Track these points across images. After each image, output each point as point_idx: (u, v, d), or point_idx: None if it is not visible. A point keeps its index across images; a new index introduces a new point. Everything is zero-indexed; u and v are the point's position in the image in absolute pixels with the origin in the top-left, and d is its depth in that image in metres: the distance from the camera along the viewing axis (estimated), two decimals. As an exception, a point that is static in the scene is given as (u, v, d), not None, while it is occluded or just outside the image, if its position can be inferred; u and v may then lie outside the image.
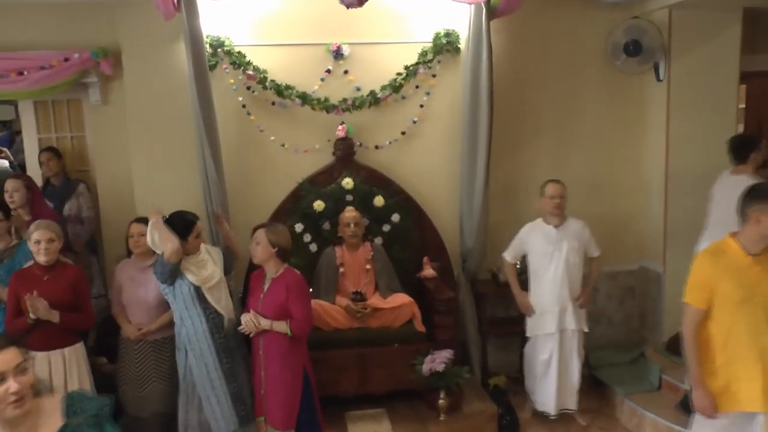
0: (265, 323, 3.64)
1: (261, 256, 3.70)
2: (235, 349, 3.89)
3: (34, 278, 3.71)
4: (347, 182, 4.83)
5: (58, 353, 3.73)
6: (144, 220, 3.97)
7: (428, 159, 5.13)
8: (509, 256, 4.62)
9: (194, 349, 3.74)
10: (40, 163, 5.13)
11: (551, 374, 4.53)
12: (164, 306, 3.97)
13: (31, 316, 3.54)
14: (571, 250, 4.44)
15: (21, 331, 3.54)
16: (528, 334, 4.61)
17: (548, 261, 4.45)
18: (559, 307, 4.42)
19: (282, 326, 3.63)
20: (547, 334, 4.48)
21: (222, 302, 3.85)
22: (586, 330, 4.56)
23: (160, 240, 3.61)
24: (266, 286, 3.74)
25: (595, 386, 5.11)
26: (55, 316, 3.60)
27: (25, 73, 4.81)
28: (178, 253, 3.62)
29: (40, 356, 3.64)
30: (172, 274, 3.68)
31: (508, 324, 5.19)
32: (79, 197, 4.91)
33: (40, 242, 3.68)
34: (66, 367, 3.74)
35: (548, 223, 4.47)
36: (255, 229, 3.75)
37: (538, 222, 4.56)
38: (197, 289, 3.75)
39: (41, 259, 3.70)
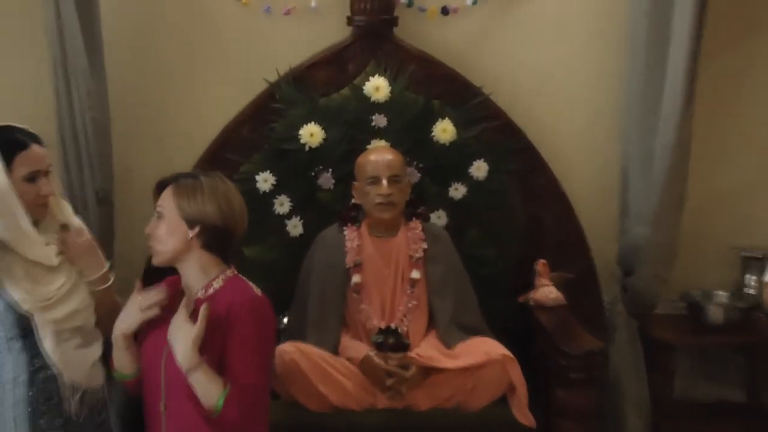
0: (187, 359, 2.12)
1: (166, 248, 2.23)
2: None
3: None
4: (377, 86, 3.15)
5: None
6: None
7: (555, 45, 3.30)
8: None
9: None
10: None
11: None
12: None
13: None
14: None
15: None
16: None
17: None
18: None
19: (210, 388, 2.12)
20: None
21: (72, 356, 2.37)
22: None
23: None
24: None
25: None
26: None
27: None
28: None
29: None
30: None
31: (724, 415, 3.38)
32: None
33: None
34: None
35: None
36: (158, 187, 2.31)
37: None
38: (20, 319, 2.30)
39: None
